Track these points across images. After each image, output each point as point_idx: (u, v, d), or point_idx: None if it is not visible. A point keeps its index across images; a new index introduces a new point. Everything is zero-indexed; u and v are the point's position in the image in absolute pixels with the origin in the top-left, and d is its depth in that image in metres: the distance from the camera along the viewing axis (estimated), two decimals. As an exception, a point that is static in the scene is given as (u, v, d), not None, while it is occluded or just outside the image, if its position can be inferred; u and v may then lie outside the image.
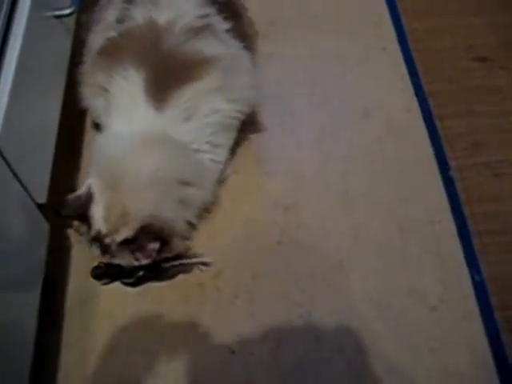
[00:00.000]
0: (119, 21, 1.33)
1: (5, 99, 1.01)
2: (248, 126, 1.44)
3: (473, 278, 1.33)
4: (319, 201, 1.43)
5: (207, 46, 1.26)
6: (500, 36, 1.77)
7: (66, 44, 1.35)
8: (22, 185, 1.08)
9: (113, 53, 1.28)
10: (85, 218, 1.21)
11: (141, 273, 1.27)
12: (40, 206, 1.16)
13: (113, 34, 1.31)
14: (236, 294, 1.30)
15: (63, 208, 1.20)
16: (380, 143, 1.53)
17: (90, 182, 1.21)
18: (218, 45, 1.30)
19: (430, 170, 1.49)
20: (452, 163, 1.51)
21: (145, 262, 1.21)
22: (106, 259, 1.25)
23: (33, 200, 1.13)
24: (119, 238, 1.19)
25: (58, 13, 1.24)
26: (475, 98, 1.63)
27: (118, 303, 1.29)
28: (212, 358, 1.24)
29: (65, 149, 1.30)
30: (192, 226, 1.32)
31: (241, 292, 1.30)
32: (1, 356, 0.99)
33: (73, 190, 1.23)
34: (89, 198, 1.20)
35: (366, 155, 1.51)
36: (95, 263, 1.29)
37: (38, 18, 1.15)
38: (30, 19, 1.11)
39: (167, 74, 1.23)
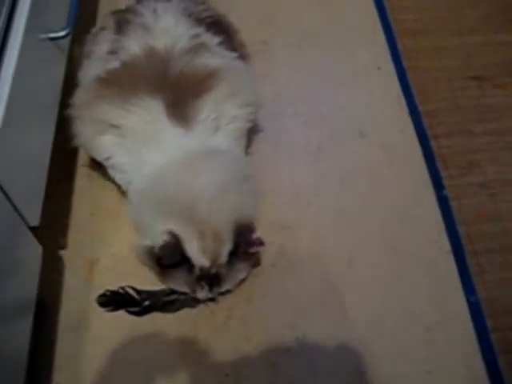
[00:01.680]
0: (112, 52, 1.34)
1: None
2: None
3: (468, 298, 1.33)
4: (314, 222, 1.44)
5: (207, 60, 1.30)
6: (495, 55, 1.79)
7: (61, 66, 1.37)
8: (15, 207, 1.08)
9: (118, 85, 1.26)
10: (181, 262, 1.19)
11: (147, 302, 1.27)
12: (33, 229, 1.16)
13: (110, 65, 1.30)
14: (230, 316, 1.30)
15: (160, 263, 1.18)
16: (375, 163, 1.54)
17: (165, 227, 1.17)
18: (216, 57, 1.33)
19: (425, 190, 1.50)
20: (447, 183, 1.52)
21: (260, 249, 1.23)
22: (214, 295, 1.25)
23: (25, 223, 1.13)
24: (223, 257, 1.19)
25: (52, 35, 1.25)
26: (470, 118, 1.65)
27: (111, 327, 1.28)
28: (206, 381, 1.24)
29: (58, 170, 1.31)
30: None
31: (235, 314, 1.30)
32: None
33: (66, 210, 1.24)
34: (177, 242, 1.17)
35: (361, 176, 1.52)
36: (101, 291, 1.28)
37: (32, 40, 1.16)
38: (24, 41, 1.12)
39: (183, 95, 1.25)
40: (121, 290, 1.28)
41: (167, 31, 1.34)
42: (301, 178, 1.51)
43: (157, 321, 1.29)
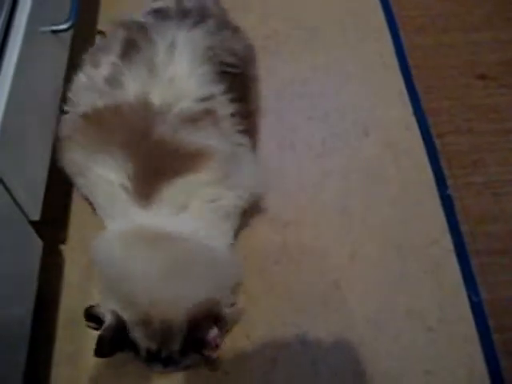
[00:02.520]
0: (108, 81, 1.23)
1: (0, 113, 1.02)
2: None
3: (470, 299, 1.33)
4: (317, 219, 1.44)
5: (205, 138, 1.18)
6: (502, 53, 1.78)
7: (63, 59, 1.37)
8: (15, 201, 1.09)
9: (97, 131, 1.18)
10: (129, 345, 1.10)
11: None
12: (33, 223, 1.16)
13: (99, 101, 1.20)
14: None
15: (101, 348, 1.05)
16: (379, 161, 1.54)
17: (111, 308, 1.09)
18: (217, 137, 1.20)
19: (429, 189, 1.50)
20: (450, 182, 1.52)
21: (216, 354, 1.08)
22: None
23: (26, 217, 1.13)
24: (175, 345, 1.09)
25: (55, 28, 1.25)
26: (475, 116, 1.65)
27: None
28: (206, 378, 1.24)
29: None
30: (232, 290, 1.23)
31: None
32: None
33: (67, 205, 1.24)
34: (121, 324, 1.08)
35: (364, 173, 1.52)
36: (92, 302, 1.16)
37: (34, 32, 1.16)
38: (26, 34, 1.12)
39: (157, 166, 1.15)
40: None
41: (174, 83, 1.21)
42: (304, 174, 1.51)
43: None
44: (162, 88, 1.20)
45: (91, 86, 1.26)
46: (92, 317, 1.11)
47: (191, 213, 1.17)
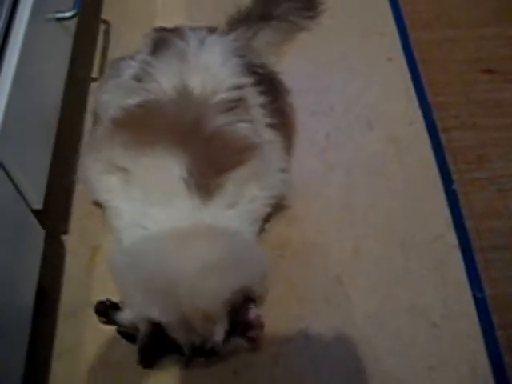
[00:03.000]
0: (137, 79, 1.21)
1: (3, 101, 1.01)
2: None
3: (474, 295, 1.33)
4: (321, 213, 1.44)
5: (245, 128, 1.17)
6: (508, 49, 1.78)
7: (67, 48, 1.36)
8: (18, 190, 1.09)
9: (137, 129, 1.14)
10: (171, 347, 1.09)
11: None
12: (36, 212, 1.16)
13: (130, 100, 1.18)
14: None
15: (145, 359, 1.08)
16: (383, 155, 1.54)
17: (146, 316, 1.06)
18: (253, 126, 1.20)
19: (433, 184, 1.50)
20: (455, 177, 1.51)
21: (261, 332, 1.11)
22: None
23: (28, 206, 1.13)
24: (219, 336, 1.07)
25: (59, 15, 1.25)
26: (481, 112, 1.64)
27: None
28: (209, 371, 1.23)
29: (62, 153, 1.30)
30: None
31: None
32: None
33: (70, 195, 1.23)
34: (159, 329, 1.06)
35: (368, 168, 1.51)
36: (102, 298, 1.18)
37: (38, 19, 1.16)
38: (30, 21, 1.12)
39: (208, 161, 1.13)
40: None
41: (209, 70, 1.19)
42: (308, 169, 1.51)
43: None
44: (199, 75, 1.18)
45: (117, 89, 1.25)
46: (103, 312, 1.13)
47: (238, 211, 1.16)
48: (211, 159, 1.13)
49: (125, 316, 1.10)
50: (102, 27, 1.72)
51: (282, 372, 1.23)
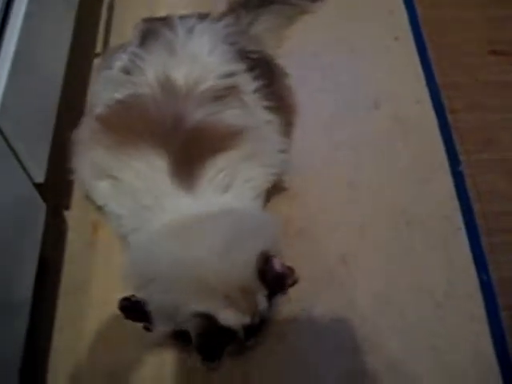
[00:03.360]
0: (125, 71, 1.21)
1: (5, 73, 1.01)
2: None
3: (480, 277, 1.32)
4: (325, 191, 1.43)
5: (233, 116, 1.16)
6: (518, 30, 1.75)
7: (70, 20, 1.35)
8: (20, 163, 1.08)
9: (119, 129, 1.13)
10: (225, 336, 1.05)
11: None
12: (37, 186, 1.15)
13: (116, 94, 1.17)
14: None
15: (209, 355, 1.06)
16: (389, 135, 1.52)
17: (192, 312, 1.02)
18: (244, 113, 1.18)
19: (440, 165, 1.48)
20: (462, 158, 1.50)
21: (293, 273, 1.09)
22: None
23: (30, 179, 1.13)
24: (263, 304, 1.06)
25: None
26: (490, 93, 1.62)
27: (113, 290, 1.26)
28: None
29: (65, 128, 1.29)
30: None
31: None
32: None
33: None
34: (211, 322, 1.02)
35: (374, 147, 1.50)
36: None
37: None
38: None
39: (193, 151, 1.11)
40: None
41: (196, 59, 1.18)
42: (312, 146, 1.49)
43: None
44: (184, 66, 1.16)
45: (106, 83, 1.24)
46: (128, 309, 1.09)
47: (234, 193, 1.14)
48: (195, 151, 1.11)
49: (160, 329, 1.08)
50: (107, 0, 1.70)
51: (285, 350, 1.23)
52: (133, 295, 1.10)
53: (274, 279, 1.06)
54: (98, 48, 1.64)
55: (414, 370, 1.21)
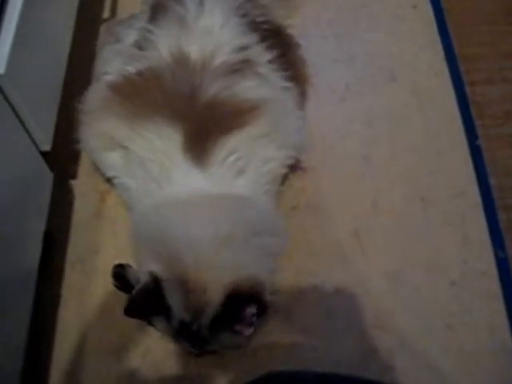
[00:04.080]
0: (138, 46, 1.20)
1: (10, 39, 0.98)
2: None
3: (496, 254, 1.30)
4: (339, 165, 1.41)
5: (249, 89, 1.14)
6: (542, 1, 1.71)
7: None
8: (26, 130, 1.07)
9: (134, 99, 1.11)
10: (159, 311, 1.05)
11: None
12: (44, 154, 1.14)
13: (130, 67, 1.16)
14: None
15: (130, 308, 1.02)
16: (405, 108, 1.49)
17: (149, 269, 1.04)
18: (260, 86, 1.16)
19: (457, 139, 1.45)
20: (481, 132, 1.47)
21: (248, 332, 1.03)
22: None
23: (37, 147, 1.12)
24: (207, 319, 1.03)
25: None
26: (509, 65, 1.59)
27: (120, 259, 1.25)
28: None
29: (72, 97, 1.26)
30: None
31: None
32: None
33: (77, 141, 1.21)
34: (158, 287, 1.02)
35: (390, 120, 1.47)
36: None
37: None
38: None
39: (208, 126, 1.09)
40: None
41: (209, 33, 1.16)
42: (326, 119, 1.47)
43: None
44: (198, 40, 1.15)
45: (117, 55, 1.23)
46: (120, 276, 1.09)
47: (247, 179, 1.12)
48: (211, 126, 1.10)
49: (129, 267, 1.10)
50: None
51: (295, 326, 1.22)
52: (128, 264, 1.11)
53: (231, 311, 1.03)
54: (106, 13, 1.61)
55: (429, 349, 1.19)
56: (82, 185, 1.37)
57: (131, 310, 1.02)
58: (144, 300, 1.03)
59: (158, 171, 1.10)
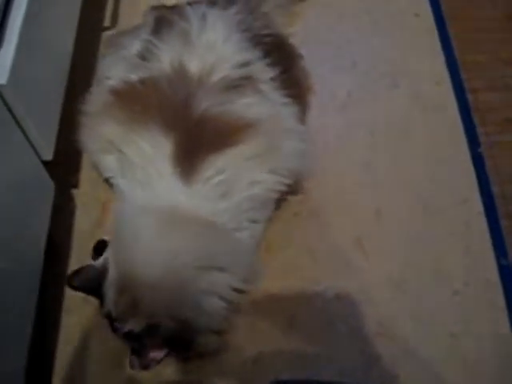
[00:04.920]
0: (141, 57, 1.21)
1: (12, 50, 0.99)
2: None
3: (499, 262, 1.31)
4: (341, 171, 1.41)
5: (246, 106, 1.14)
6: (542, 6, 1.72)
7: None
8: (28, 140, 1.07)
9: (133, 106, 1.13)
10: (97, 292, 1.09)
11: None
12: (45, 164, 1.15)
13: (132, 75, 1.18)
14: (259, 271, 1.24)
15: (74, 277, 1.08)
16: (407, 115, 1.50)
17: (107, 255, 1.10)
18: (259, 103, 1.16)
19: (459, 146, 1.46)
20: (483, 139, 1.48)
21: (138, 370, 1.07)
22: None
23: (38, 157, 1.12)
24: (125, 327, 1.05)
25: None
26: (511, 72, 1.59)
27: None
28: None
29: (73, 107, 1.27)
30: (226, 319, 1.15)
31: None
32: (3, 318, 0.99)
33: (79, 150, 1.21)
34: (103, 274, 1.07)
35: (392, 127, 1.48)
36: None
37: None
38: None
39: (199, 141, 1.09)
40: None
41: (211, 48, 1.17)
42: (328, 126, 1.47)
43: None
44: (199, 55, 1.16)
45: (121, 61, 1.25)
46: (100, 250, 1.13)
47: (231, 202, 1.11)
48: (203, 140, 1.09)
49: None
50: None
51: (297, 333, 1.22)
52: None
53: (142, 345, 1.06)
54: (107, 22, 1.62)
55: (432, 357, 1.20)
56: (84, 194, 1.37)
57: (70, 281, 1.08)
58: (88, 277, 1.08)
59: (146, 179, 1.10)
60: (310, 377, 1.18)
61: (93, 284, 1.08)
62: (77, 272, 1.09)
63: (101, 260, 1.10)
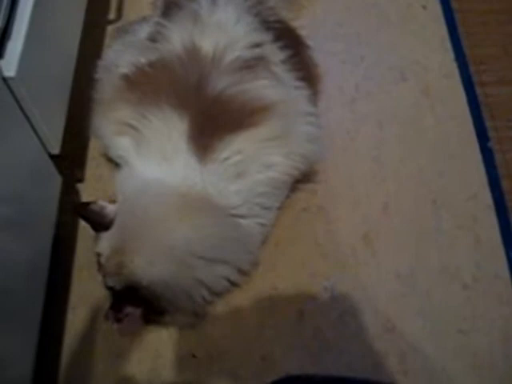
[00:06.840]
0: (152, 39, 1.23)
1: (20, 44, 0.99)
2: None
3: (509, 256, 1.31)
4: (349, 166, 1.42)
5: (262, 88, 1.14)
6: (551, 1, 1.72)
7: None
8: (36, 133, 1.08)
9: (145, 88, 1.14)
10: (97, 229, 1.14)
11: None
12: (53, 157, 1.15)
13: (142, 58, 1.19)
14: (256, 262, 1.27)
15: (85, 207, 1.13)
16: (416, 109, 1.51)
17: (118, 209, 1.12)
18: (274, 85, 1.17)
19: (468, 141, 1.47)
20: (492, 134, 1.48)
21: (111, 322, 1.12)
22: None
23: (46, 150, 1.13)
24: (107, 282, 1.12)
25: None
26: (520, 66, 1.60)
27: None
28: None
29: (80, 102, 1.28)
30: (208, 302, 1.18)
31: (262, 260, 1.27)
32: (10, 321, 1.00)
33: (85, 143, 1.21)
34: (110, 223, 1.11)
35: (400, 121, 1.49)
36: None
37: None
38: None
39: (215, 122, 1.10)
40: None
41: (223, 28, 1.18)
42: (336, 120, 1.48)
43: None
44: (211, 34, 1.17)
45: (130, 47, 1.26)
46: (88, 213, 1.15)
47: (243, 184, 1.12)
48: (219, 121, 1.11)
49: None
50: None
51: (306, 329, 1.23)
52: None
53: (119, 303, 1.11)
54: (112, 15, 1.62)
55: (441, 353, 1.21)
56: (89, 189, 1.38)
57: (82, 209, 1.14)
58: (96, 215, 1.12)
59: (162, 154, 1.12)
60: (319, 372, 1.18)
61: (97, 224, 1.13)
62: (88, 204, 1.13)
63: (113, 208, 1.12)
